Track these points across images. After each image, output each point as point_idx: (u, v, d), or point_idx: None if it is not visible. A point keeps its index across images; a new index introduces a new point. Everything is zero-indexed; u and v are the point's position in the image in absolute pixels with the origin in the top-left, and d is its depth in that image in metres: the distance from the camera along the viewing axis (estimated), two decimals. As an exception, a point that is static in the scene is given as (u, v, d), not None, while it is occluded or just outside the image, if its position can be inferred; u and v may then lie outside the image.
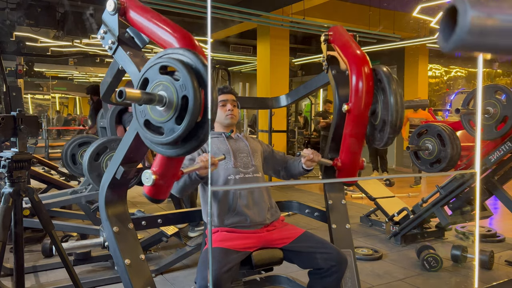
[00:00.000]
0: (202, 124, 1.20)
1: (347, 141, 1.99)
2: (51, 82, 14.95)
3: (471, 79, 12.43)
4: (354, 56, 1.90)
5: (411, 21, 7.52)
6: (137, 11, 1.57)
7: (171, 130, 1.22)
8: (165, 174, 1.51)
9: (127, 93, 1.13)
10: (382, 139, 1.86)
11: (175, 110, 1.20)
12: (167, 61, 1.23)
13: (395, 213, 3.91)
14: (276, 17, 7.07)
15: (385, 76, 1.81)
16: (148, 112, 1.28)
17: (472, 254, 3.22)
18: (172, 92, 1.21)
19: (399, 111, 1.76)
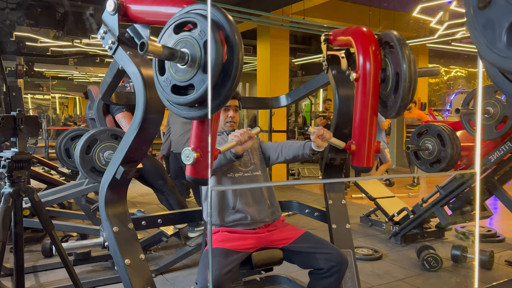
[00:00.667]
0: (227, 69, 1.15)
1: (360, 117, 1.77)
2: (51, 82, 14.95)
3: (471, 79, 12.43)
4: (356, 28, 1.86)
5: (411, 21, 7.53)
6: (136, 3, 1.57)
7: (201, 81, 1.17)
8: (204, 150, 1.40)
9: (150, 45, 1.08)
10: (394, 107, 1.70)
11: (200, 63, 1.16)
12: (181, 17, 1.19)
13: (395, 213, 3.91)
14: (276, 17, 7.07)
15: (397, 40, 1.67)
16: (173, 77, 1.23)
17: (472, 254, 3.22)
18: (193, 45, 1.16)
19: (413, 77, 1.62)
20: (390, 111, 1.73)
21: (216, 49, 1.11)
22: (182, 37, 1.19)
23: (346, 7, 7.78)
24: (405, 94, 1.63)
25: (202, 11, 1.18)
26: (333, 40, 2.08)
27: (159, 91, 1.30)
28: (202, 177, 1.44)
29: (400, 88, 1.64)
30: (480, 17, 0.57)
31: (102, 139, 2.63)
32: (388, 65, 1.73)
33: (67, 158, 3.74)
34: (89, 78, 15.81)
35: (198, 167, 1.42)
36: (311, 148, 1.81)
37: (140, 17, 1.57)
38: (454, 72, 12.40)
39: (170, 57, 1.16)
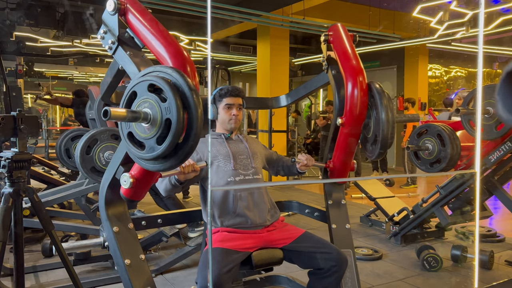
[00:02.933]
0: (183, 145, 1.23)
1: (340, 150, 2.10)
2: (51, 82, 14.94)
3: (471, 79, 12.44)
4: (352, 70, 1.95)
5: (411, 21, 7.52)
6: (135, 16, 1.58)
7: (152, 148, 1.26)
8: (142, 178, 1.57)
9: (112, 112, 1.16)
10: (373, 152, 1.95)
11: (158, 129, 1.23)
12: (155, 80, 1.25)
13: (395, 213, 3.91)
14: (276, 17, 7.07)
15: (377, 92, 1.89)
16: (132, 126, 1.31)
17: (472, 254, 3.22)
18: (157, 112, 1.23)
19: (390, 127, 1.84)
20: (371, 154, 2.00)
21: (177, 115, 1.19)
22: (150, 97, 1.26)
23: (346, 7, 7.77)
24: (384, 140, 1.85)
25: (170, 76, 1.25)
26: (332, 41, 2.09)
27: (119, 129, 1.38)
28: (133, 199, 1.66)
29: (379, 135, 1.86)
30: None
31: (103, 140, 2.63)
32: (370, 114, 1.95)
33: (67, 158, 3.73)
34: (89, 78, 15.80)
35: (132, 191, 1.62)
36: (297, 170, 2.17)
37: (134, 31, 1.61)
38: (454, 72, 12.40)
39: (133, 120, 1.24)
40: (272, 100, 2.86)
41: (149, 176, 1.58)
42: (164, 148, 1.22)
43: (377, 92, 1.89)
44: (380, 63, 10.17)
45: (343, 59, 2.01)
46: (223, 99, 2.04)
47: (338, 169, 2.14)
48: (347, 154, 2.10)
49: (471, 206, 3.34)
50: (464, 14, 5.97)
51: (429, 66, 10.35)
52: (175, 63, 1.46)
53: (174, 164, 1.28)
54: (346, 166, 2.14)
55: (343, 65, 2.00)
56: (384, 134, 1.84)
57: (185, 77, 1.23)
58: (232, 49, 9.91)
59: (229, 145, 2.05)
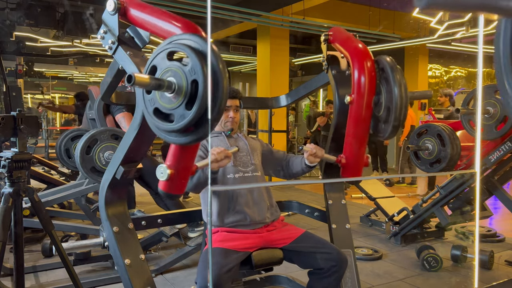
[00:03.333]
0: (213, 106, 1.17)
1: (351, 135, 1.90)
2: (51, 82, 14.95)
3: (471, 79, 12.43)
4: (356, 48, 1.87)
5: (411, 21, 7.53)
6: (137, 8, 1.57)
7: (182, 116, 1.19)
8: (180, 167, 1.46)
9: (136, 77, 1.11)
10: (386, 130, 1.79)
11: (185, 96, 1.18)
12: (175, 47, 1.21)
13: (395, 213, 3.91)
14: (276, 17, 7.07)
15: (389, 66, 1.76)
16: (157, 100, 1.25)
17: (472, 254, 3.22)
18: (181, 78, 1.19)
19: (404, 102, 1.70)
20: (383, 133, 1.83)
21: (204, 88, 1.13)
22: (172, 66, 1.21)
23: (346, 7, 7.78)
24: (396, 118, 1.71)
25: (192, 42, 1.20)
26: (333, 40, 2.08)
27: (143, 108, 1.33)
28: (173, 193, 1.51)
29: (392, 112, 1.72)
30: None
31: (103, 139, 2.63)
32: (381, 90, 1.80)
33: (67, 158, 3.73)
34: (89, 78, 15.81)
35: (170, 184, 1.49)
36: (305, 163, 2.00)
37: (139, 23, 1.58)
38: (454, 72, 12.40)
39: (157, 87, 1.19)
40: (272, 100, 2.86)
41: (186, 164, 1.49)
42: (194, 111, 1.16)
43: (389, 66, 1.76)
44: (380, 63, 10.14)
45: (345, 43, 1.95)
46: None
47: (352, 163, 1.93)
48: (360, 141, 1.90)
49: (471, 206, 3.34)
50: (464, 14, 5.97)
51: (429, 66, 10.36)
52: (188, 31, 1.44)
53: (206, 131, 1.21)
54: (359, 158, 1.93)
55: (346, 46, 1.93)
56: (398, 111, 1.70)
57: (203, 37, 1.20)
58: (232, 49, 9.91)
59: (229, 142, 2.07)
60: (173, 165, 1.44)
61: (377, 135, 1.89)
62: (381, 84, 1.81)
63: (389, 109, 1.74)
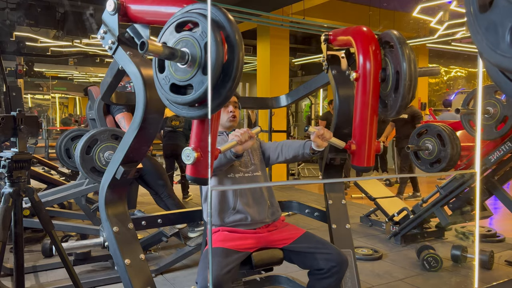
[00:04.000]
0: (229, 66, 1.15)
1: (360, 116, 1.76)
2: (51, 82, 14.95)
3: (471, 79, 12.44)
4: (356, 27, 1.85)
5: (411, 21, 7.53)
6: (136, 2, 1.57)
7: (200, 82, 1.17)
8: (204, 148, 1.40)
9: (150, 44, 1.08)
10: (393, 107, 1.69)
11: (200, 62, 1.16)
12: (183, 16, 1.19)
13: (395, 213, 3.91)
14: (276, 17, 7.07)
15: (397, 40, 1.67)
16: (172, 75, 1.23)
17: (472, 254, 3.22)
18: (193, 45, 1.16)
19: (413, 76, 1.62)
20: (391, 110, 1.72)
21: (217, 50, 1.10)
22: (183, 36, 1.19)
23: (346, 7, 7.78)
24: (405, 93, 1.62)
25: (203, 10, 1.17)
26: (333, 40, 2.08)
27: (158, 89, 1.30)
28: (203, 177, 1.44)
29: (400, 88, 1.63)
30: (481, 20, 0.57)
31: (103, 140, 2.63)
32: (388, 65, 1.72)
33: (67, 158, 3.74)
34: (89, 78, 15.82)
35: (198, 167, 1.42)
36: (311, 147, 1.81)
37: (140, 17, 1.57)
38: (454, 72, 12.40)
39: (170, 56, 1.16)
40: (272, 100, 2.86)
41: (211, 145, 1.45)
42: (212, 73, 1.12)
43: (397, 41, 1.66)
44: (380, 63, 10.15)
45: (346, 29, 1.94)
46: None
47: (363, 149, 1.77)
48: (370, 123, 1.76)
49: (471, 206, 3.34)
50: (464, 14, 5.97)
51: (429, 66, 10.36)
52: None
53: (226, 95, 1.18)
54: (370, 143, 1.78)
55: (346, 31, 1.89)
56: (406, 86, 1.62)
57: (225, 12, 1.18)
58: (232, 49, 9.89)
59: None
60: (198, 147, 1.39)
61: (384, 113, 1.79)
62: (387, 58, 1.72)
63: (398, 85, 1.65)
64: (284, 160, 2.04)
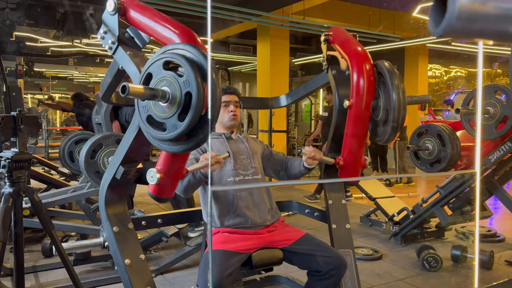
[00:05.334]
0: (205, 119, 1.19)
1: (349, 138, 1.93)
2: (51, 82, 14.95)
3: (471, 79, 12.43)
4: (355, 51, 1.88)
5: (411, 21, 7.53)
6: (137, 10, 1.57)
7: (174, 126, 1.21)
8: (170, 172, 1.49)
9: (131, 88, 1.12)
10: (384, 134, 1.82)
11: (178, 106, 1.19)
12: (171, 56, 1.22)
13: (395, 213, 3.91)
14: (276, 17, 7.07)
15: (387, 71, 1.77)
16: (151, 108, 1.27)
17: (472, 254, 3.22)
18: (175, 88, 1.19)
19: (402, 107, 1.72)
20: (380, 137, 1.86)
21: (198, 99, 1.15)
22: (167, 75, 1.22)
23: (346, 7, 7.78)
24: (394, 122, 1.74)
25: (187, 52, 1.21)
26: (332, 41, 2.08)
27: (136, 114, 1.35)
28: (164, 197, 1.56)
29: (390, 117, 1.75)
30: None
31: (107, 144, 2.65)
32: (380, 95, 1.83)
33: (70, 161, 3.74)
34: (89, 78, 15.81)
35: (160, 187, 1.52)
36: (304, 165, 2.02)
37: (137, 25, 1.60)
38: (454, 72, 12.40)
39: (151, 97, 1.20)
40: (272, 100, 2.86)
41: (176, 169, 1.52)
42: (187, 123, 1.17)
43: (387, 71, 1.77)
44: (380, 63, 10.15)
45: (345, 46, 1.96)
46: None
47: (350, 165, 1.96)
48: (358, 143, 1.93)
49: (471, 206, 3.34)
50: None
51: (429, 66, 10.36)
52: (185, 39, 1.45)
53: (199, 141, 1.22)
54: (357, 160, 1.97)
55: (346, 49, 1.93)
56: (396, 116, 1.72)
57: (199, 48, 1.21)
58: (232, 49, 9.91)
59: (229, 145, 2.05)
60: (163, 170, 1.48)
61: (376, 139, 1.92)
62: (380, 89, 1.83)
63: (388, 113, 1.77)
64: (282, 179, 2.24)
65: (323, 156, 1.98)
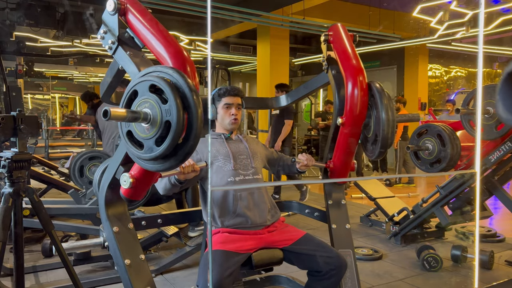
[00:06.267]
0: (183, 145, 1.23)
1: (340, 150, 2.09)
2: (51, 82, 14.93)
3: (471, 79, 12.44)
4: (352, 70, 1.95)
5: (411, 21, 7.52)
6: (136, 15, 1.58)
7: (150, 148, 1.25)
8: (142, 178, 1.56)
9: (112, 112, 1.16)
10: (374, 152, 1.95)
11: (157, 130, 1.22)
12: (156, 81, 1.24)
13: (395, 213, 3.91)
14: (276, 17, 7.07)
15: (378, 91, 1.88)
16: (132, 125, 1.30)
17: (472, 254, 3.22)
18: (157, 112, 1.23)
19: (390, 126, 1.83)
20: (371, 153, 1.99)
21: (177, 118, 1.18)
22: (151, 98, 1.25)
23: (346, 7, 7.78)
24: (384, 139, 1.84)
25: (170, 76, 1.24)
26: (332, 41, 2.09)
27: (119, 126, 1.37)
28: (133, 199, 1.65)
29: (379, 134, 1.85)
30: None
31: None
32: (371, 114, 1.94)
33: (79, 176, 3.74)
34: (89, 78, 15.80)
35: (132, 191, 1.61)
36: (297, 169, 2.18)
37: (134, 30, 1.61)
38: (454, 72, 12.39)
39: (132, 120, 1.24)
40: (272, 100, 2.86)
41: (149, 176, 1.58)
42: (163, 149, 1.22)
43: (377, 92, 1.88)
44: (380, 63, 10.17)
45: (343, 58, 2.01)
46: (222, 99, 2.04)
47: (338, 169, 2.13)
48: (347, 154, 2.10)
49: (471, 206, 3.34)
50: (464, 14, 5.97)
51: (429, 66, 10.35)
52: (175, 63, 1.46)
53: (174, 164, 1.27)
54: (346, 166, 2.13)
55: (343, 64, 2.00)
56: (385, 134, 1.83)
57: (186, 78, 1.23)
58: (232, 49, 9.90)
59: (229, 145, 2.05)
60: (136, 176, 1.54)
61: (367, 154, 2.08)
62: (371, 108, 1.94)
63: (377, 132, 1.88)
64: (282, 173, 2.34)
65: (315, 162, 2.17)
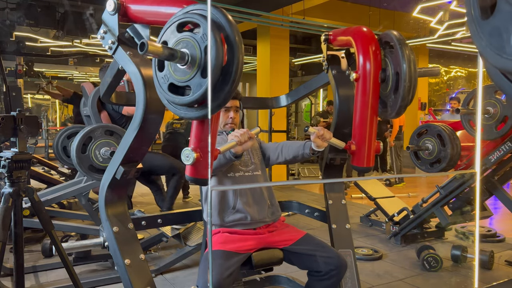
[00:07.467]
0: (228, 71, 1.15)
1: (360, 116, 1.76)
2: (51, 82, 14.93)
3: (471, 79, 12.43)
4: (356, 28, 1.86)
5: (411, 21, 7.53)
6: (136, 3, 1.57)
7: (199, 84, 1.17)
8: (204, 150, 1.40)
9: (150, 45, 1.08)
10: (394, 107, 1.69)
11: (199, 65, 1.16)
12: (185, 17, 1.19)
13: (395, 213, 3.91)
14: (276, 17, 7.07)
15: (397, 40, 1.66)
16: (171, 75, 1.23)
17: (472, 254, 3.22)
18: (193, 47, 1.16)
19: (413, 77, 1.62)
20: (390, 111, 1.72)
21: (217, 52, 1.10)
22: (183, 37, 1.19)
23: (346, 7, 7.78)
24: (405, 94, 1.63)
25: (204, 11, 1.17)
26: (333, 40, 2.08)
27: (157, 87, 1.30)
28: (202, 177, 1.43)
29: (400, 88, 1.64)
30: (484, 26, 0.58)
31: (97, 137, 2.58)
32: (388, 65, 1.72)
33: (65, 157, 3.70)
34: (89, 78, 15.80)
35: (198, 167, 1.41)
36: (311, 148, 1.82)
37: (140, 17, 1.57)
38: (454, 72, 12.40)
39: (170, 57, 1.16)
40: (272, 100, 2.86)
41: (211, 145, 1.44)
42: (211, 73, 1.12)
43: (397, 41, 1.66)
44: (380, 63, 10.15)
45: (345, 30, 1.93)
46: None
47: (362, 149, 1.77)
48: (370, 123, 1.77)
49: (471, 206, 3.34)
50: (464, 14, 5.97)
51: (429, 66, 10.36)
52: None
53: (224, 99, 1.18)
54: (370, 143, 1.79)
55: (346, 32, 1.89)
56: (406, 88, 1.62)
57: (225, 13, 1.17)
58: (232, 49, 9.89)
59: None
60: (197, 147, 1.38)
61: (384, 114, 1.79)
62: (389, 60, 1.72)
63: (397, 85, 1.65)
64: (284, 160, 2.04)
65: (333, 138, 1.78)
